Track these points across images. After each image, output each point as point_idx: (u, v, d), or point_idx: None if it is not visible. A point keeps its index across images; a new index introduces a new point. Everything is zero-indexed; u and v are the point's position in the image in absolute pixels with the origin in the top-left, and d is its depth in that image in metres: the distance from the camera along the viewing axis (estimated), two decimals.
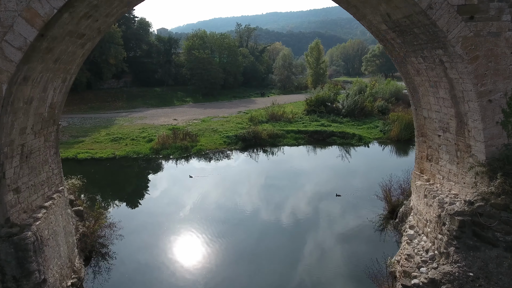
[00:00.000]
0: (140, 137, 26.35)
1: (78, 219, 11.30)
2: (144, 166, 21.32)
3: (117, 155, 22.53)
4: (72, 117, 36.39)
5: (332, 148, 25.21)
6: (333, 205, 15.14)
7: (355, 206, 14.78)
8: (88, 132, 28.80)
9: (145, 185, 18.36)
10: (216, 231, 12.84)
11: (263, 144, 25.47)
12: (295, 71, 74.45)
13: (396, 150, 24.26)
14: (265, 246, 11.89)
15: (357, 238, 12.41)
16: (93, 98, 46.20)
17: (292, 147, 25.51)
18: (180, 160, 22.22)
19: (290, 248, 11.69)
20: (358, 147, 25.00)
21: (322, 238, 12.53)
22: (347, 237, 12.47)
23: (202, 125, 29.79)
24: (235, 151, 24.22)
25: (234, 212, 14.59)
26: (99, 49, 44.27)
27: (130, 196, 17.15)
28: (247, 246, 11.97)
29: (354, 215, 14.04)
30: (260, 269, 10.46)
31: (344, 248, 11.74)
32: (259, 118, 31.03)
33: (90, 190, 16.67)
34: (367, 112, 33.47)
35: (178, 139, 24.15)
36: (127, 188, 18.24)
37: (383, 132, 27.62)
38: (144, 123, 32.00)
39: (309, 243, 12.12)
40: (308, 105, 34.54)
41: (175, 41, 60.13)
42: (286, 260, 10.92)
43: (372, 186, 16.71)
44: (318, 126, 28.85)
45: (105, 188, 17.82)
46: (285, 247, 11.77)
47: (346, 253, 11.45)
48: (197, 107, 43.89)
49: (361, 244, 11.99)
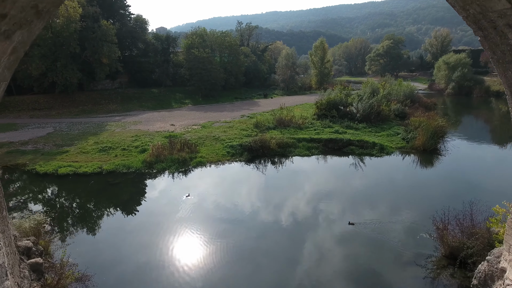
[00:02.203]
0: (132, 147, 23.27)
1: (34, 277, 8.25)
2: (135, 184, 18.23)
3: (104, 170, 19.44)
4: (60, 122, 33.32)
5: (350, 159, 22.15)
6: (366, 241, 12.09)
7: (394, 244, 11.73)
8: (74, 140, 25.71)
9: (133, 210, 15.23)
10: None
11: (272, 154, 22.42)
12: (298, 71, 71.40)
13: (425, 163, 21.19)
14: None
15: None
16: (85, 100, 43.14)
17: (304, 157, 22.45)
18: (177, 175, 19.15)
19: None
20: (380, 158, 21.93)
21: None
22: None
23: (202, 132, 26.72)
24: (240, 163, 21.14)
25: (242, 252, 11.53)
26: (91, 48, 41.25)
27: (113, 229, 13.31)
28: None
29: (397, 255, 11.01)
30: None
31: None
32: (265, 124, 27.97)
33: (61, 223, 13.61)
34: (383, 116, 30.44)
35: (175, 150, 21.08)
36: (110, 218, 14.71)
37: (406, 140, 24.56)
38: (138, 129, 28.91)
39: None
40: (318, 109, 31.50)
41: (173, 39, 56.97)
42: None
43: (412, 216, 13.70)
44: (332, 133, 25.79)
45: (82, 218, 14.61)
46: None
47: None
48: (196, 110, 40.83)
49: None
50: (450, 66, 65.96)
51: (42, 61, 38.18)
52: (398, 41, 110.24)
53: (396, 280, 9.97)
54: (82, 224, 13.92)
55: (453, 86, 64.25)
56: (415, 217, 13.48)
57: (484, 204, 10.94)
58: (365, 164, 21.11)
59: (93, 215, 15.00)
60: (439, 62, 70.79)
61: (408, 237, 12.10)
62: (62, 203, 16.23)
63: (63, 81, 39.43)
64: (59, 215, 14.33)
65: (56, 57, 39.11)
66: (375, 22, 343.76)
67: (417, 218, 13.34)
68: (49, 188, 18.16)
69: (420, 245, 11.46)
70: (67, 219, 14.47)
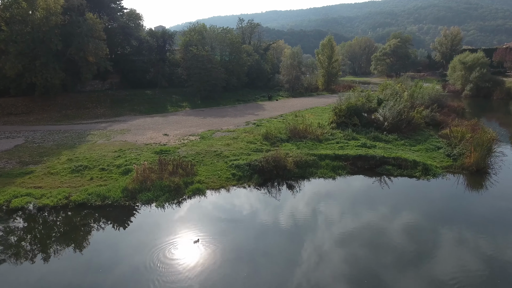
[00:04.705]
0: (113, 166, 18.61)
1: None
2: (108, 226, 13.51)
3: (72, 201, 14.77)
4: (36, 130, 28.61)
5: (389, 183, 17.53)
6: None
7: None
8: (45, 155, 21.05)
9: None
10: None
11: (288, 176, 17.80)
12: (304, 71, 66.79)
13: (490, 191, 16.59)
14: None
15: None
16: (70, 103, 38.46)
17: (329, 180, 17.84)
18: (167, 209, 14.50)
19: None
20: (427, 182, 17.31)
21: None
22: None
23: (201, 145, 22.08)
24: (249, 190, 16.51)
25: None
26: (76, 44, 36.56)
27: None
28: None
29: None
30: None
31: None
32: (276, 135, 23.35)
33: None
34: (414, 125, 25.86)
35: (166, 173, 16.43)
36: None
37: (452, 157, 19.95)
38: (125, 140, 24.25)
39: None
40: (337, 116, 26.88)
41: (170, 36, 52.34)
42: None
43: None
44: (359, 147, 21.18)
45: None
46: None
47: None
48: (194, 115, 36.18)
49: None
50: (467, 66, 61.44)
51: (19, 59, 33.49)
52: (405, 40, 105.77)
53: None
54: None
55: (470, 87, 59.77)
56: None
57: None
58: (410, 193, 16.52)
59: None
60: (454, 61, 66.21)
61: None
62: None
63: (43, 82, 34.72)
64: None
65: (35, 54, 34.41)
66: (376, 21, 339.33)
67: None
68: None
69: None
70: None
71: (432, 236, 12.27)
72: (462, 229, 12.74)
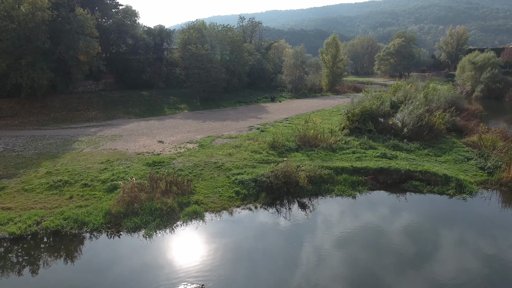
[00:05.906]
0: (97, 181, 16.07)
1: None
2: (84, 264, 10.97)
3: (44, 228, 12.24)
4: (18, 136, 26.04)
5: (419, 202, 15.02)
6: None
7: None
8: (22, 166, 18.50)
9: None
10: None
11: (300, 193, 15.29)
12: (308, 71, 64.24)
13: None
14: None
15: None
16: (59, 105, 35.85)
17: (348, 198, 15.33)
18: (158, 238, 11.97)
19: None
20: (463, 202, 14.80)
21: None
22: None
23: (200, 155, 19.53)
24: (255, 212, 14.00)
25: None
26: (65, 42, 33.98)
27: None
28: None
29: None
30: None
31: None
32: (284, 143, 20.80)
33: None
34: (436, 131, 23.35)
35: (158, 192, 13.89)
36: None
37: (487, 170, 17.42)
38: (114, 148, 21.69)
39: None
40: (349, 121, 24.35)
41: (168, 34, 49.67)
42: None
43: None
44: (379, 158, 18.65)
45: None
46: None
47: None
48: (193, 118, 33.63)
49: None
50: (477, 66, 58.96)
51: (3, 58, 30.92)
52: (409, 39, 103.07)
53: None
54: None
55: (481, 88, 57.27)
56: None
57: None
58: (448, 217, 14.00)
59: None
60: (463, 61, 63.65)
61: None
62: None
63: (30, 83, 32.12)
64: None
65: (21, 53, 31.83)
66: (376, 21, 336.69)
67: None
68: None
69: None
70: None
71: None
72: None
